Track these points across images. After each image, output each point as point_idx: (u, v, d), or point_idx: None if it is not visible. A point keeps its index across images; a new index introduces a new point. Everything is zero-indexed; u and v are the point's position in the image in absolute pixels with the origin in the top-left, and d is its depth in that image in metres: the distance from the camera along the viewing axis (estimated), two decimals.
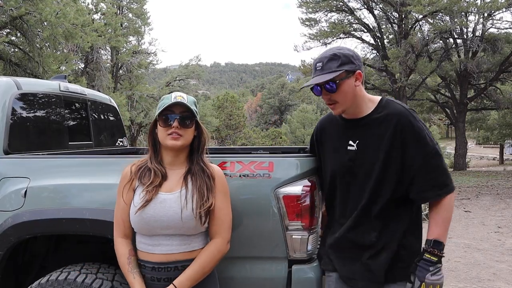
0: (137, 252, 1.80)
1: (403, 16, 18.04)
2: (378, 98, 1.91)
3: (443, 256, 1.74)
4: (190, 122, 1.79)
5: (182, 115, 1.77)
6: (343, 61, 1.79)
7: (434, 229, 1.76)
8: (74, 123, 3.44)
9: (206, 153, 1.88)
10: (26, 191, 2.17)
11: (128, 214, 1.77)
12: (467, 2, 15.69)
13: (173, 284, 1.68)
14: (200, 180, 1.76)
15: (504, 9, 16.09)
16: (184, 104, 1.77)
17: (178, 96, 1.78)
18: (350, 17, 19.86)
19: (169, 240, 1.72)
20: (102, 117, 3.95)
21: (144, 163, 1.84)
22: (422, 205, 1.94)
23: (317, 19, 20.21)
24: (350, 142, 1.88)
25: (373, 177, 1.80)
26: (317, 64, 1.83)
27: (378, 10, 19.69)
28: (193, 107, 1.79)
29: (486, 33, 16.89)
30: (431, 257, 1.71)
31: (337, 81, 1.78)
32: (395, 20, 19.13)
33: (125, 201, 1.78)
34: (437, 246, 1.72)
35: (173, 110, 1.77)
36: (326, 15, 20.21)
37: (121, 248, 1.79)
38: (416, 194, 1.78)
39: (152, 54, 26.60)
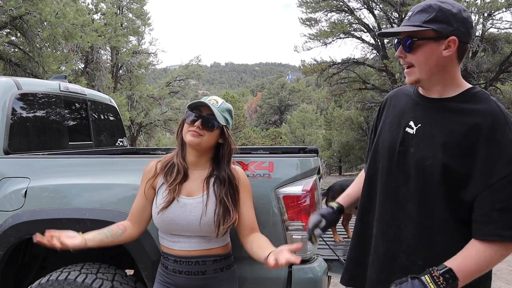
0: (160, 245, 1.87)
1: (403, 16, 18.04)
2: (470, 85, 1.46)
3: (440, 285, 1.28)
4: (212, 127, 1.77)
5: (207, 117, 1.76)
6: (436, 17, 1.36)
7: (459, 258, 1.32)
8: (74, 123, 3.44)
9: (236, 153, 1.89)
10: (26, 191, 2.17)
11: (142, 207, 1.83)
12: (467, 2, 15.69)
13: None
14: (223, 187, 1.77)
15: (504, 9, 16.09)
16: (211, 108, 1.77)
17: (212, 99, 1.80)
18: (350, 17, 19.86)
19: (188, 239, 1.76)
20: (102, 117, 3.96)
21: (171, 159, 1.85)
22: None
23: (317, 19, 20.22)
24: (411, 123, 1.47)
25: (421, 176, 1.39)
26: (409, 13, 1.45)
27: (378, 10, 19.68)
28: (223, 114, 1.78)
29: (486, 33, 16.88)
30: (429, 283, 1.29)
31: (415, 39, 1.38)
32: (395, 20, 19.12)
33: (146, 196, 1.82)
34: (447, 274, 1.28)
35: (201, 109, 1.78)
36: (326, 15, 20.21)
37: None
38: (472, 224, 1.34)
39: (152, 54, 26.60)
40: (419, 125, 1.45)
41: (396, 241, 1.46)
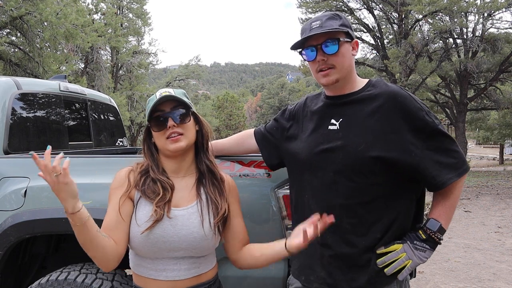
0: (133, 277, 1.53)
1: (403, 16, 18.04)
2: (366, 79, 1.66)
3: (436, 240, 1.53)
4: (186, 116, 1.52)
5: (175, 110, 1.51)
6: (345, 23, 1.55)
7: (435, 210, 1.57)
8: (74, 123, 3.44)
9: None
10: (26, 191, 2.17)
11: (115, 225, 1.44)
12: (467, 2, 15.67)
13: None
14: (210, 184, 1.54)
15: (504, 9, 16.08)
16: (172, 98, 1.50)
17: (163, 92, 1.52)
18: (350, 17, 19.85)
19: (176, 264, 1.47)
20: (102, 117, 3.96)
21: (145, 170, 1.53)
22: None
23: None
24: (332, 121, 1.58)
25: (354, 163, 1.50)
26: (313, 23, 1.54)
27: (378, 10, 19.68)
28: (184, 99, 1.53)
29: (486, 33, 16.87)
30: (421, 234, 1.53)
31: (340, 40, 1.51)
32: (395, 20, 19.11)
33: (121, 213, 1.45)
34: (431, 225, 1.53)
35: (163, 109, 1.50)
36: None
37: None
38: (425, 183, 1.54)
39: (152, 54, 26.63)
40: (341, 119, 1.58)
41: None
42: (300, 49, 1.59)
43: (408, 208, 1.59)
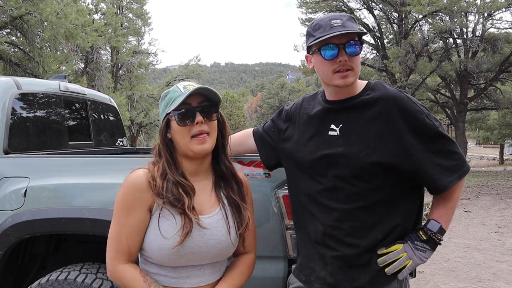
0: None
1: (403, 16, 18.04)
2: (365, 81, 1.64)
3: (436, 241, 1.54)
4: (215, 113, 1.40)
5: (202, 105, 1.38)
6: (358, 26, 1.55)
7: (435, 211, 1.57)
8: (74, 123, 3.44)
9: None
10: (26, 191, 2.17)
11: (137, 238, 1.34)
12: (467, 2, 15.67)
13: None
14: (231, 189, 1.46)
15: (504, 9, 16.08)
16: (203, 91, 1.37)
17: (188, 85, 1.37)
18: None
19: (200, 271, 1.40)
20: (102, 117, 3.96)
21: (163, 173, 1.37)
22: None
23: None
24: (332, 126, 1.57)
25: (355, 169, 1.49)
26: (334, 21, 1.48)
27: (378, 10, 19.68)
28: (215, 93, 1.41)
29: (486, 33, 16.87)
30: (422, 234, 1.53)
31: (362, 42, 1.51)
32: (395, 20, 19.11)
33: (142, 225, 1.34)
34: (431, 226, 1.53)
35: (189, 102, 1.36)
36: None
37: (129, 272, 1.33)
38: (426, 185, 1.55)
39: (152, 54, 26.65)
40: (341, 125, 1.56)
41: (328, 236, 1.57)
42: (316, 47, 1.51)
43: (410, 209, 1.59)
